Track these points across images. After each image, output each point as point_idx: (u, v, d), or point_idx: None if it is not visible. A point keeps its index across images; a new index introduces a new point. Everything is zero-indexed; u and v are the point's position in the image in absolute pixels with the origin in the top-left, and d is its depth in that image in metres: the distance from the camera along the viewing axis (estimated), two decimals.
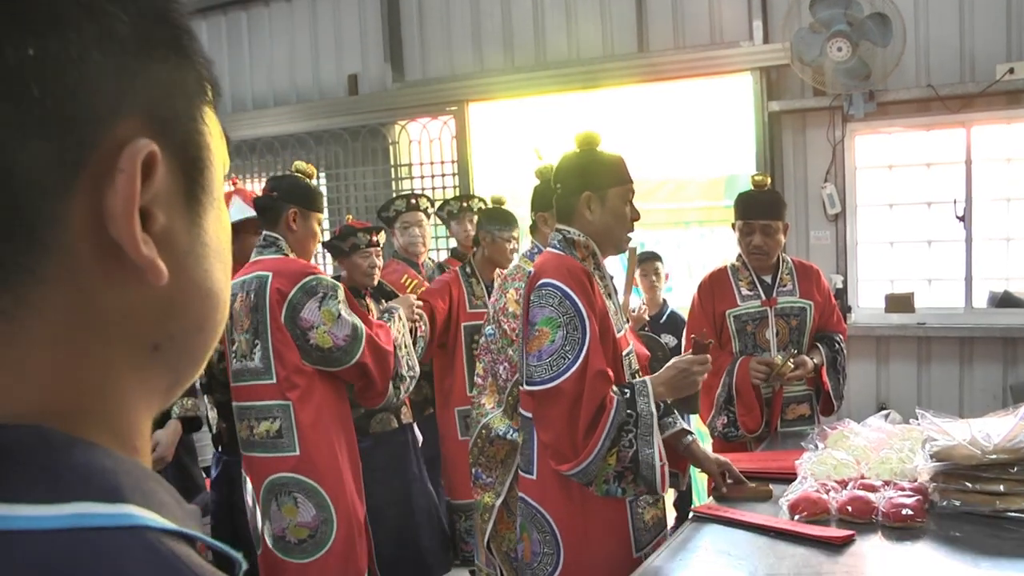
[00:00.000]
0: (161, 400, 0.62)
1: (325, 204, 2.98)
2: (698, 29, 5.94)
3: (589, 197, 2.81)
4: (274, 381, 3.49)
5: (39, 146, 0.51)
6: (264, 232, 3.68)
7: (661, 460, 2.69)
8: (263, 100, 7.52)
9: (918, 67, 5.28)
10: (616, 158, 2.89)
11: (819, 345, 4.00)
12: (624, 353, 2.88)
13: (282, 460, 3.50)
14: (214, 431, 4.11)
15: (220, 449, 4.11)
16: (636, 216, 2.90)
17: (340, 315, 3.46)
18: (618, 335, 2.84)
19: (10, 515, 0.49)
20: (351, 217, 4.69)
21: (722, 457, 3.10)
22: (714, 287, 4.07)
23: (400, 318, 3.97)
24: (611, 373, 2.74)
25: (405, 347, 3.89)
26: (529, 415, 2.82)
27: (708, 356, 2.87)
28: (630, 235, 2.96)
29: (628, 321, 3.05)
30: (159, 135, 0.55)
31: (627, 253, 3.97)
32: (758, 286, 4.01)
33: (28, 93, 0.50)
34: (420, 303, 4.32)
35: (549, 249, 2.89)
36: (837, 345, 4.04)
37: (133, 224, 0.53)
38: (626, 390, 2.71)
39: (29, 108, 0.50)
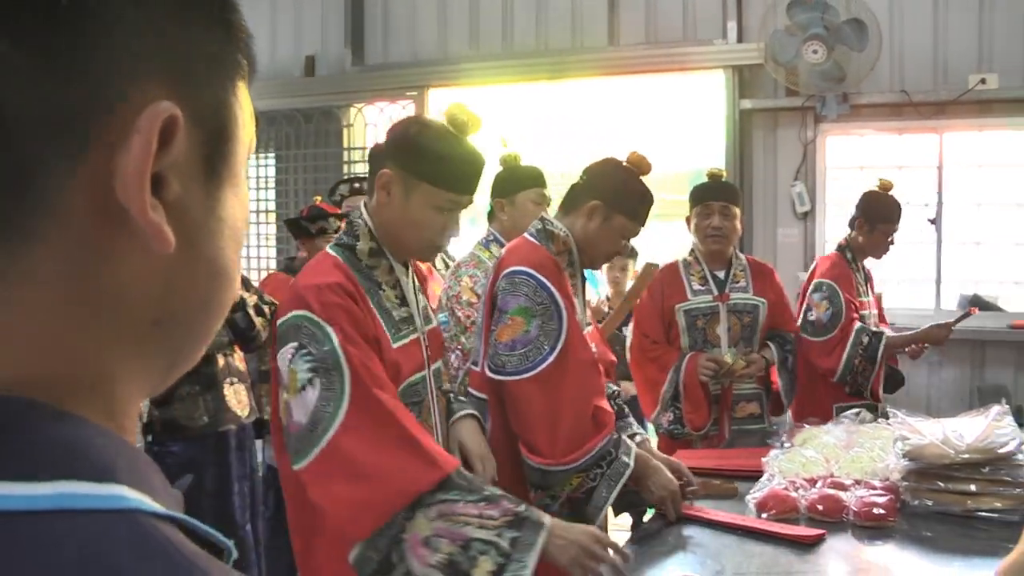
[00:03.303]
0: (157, 380, 0.59)
1: (449, 175, 2.16)
2: (671, 25, 5.93)
3: (597, 207, 2.72)
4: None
5: (56, 98, 0.48)
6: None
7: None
8: None
9: (892, 73, 5.37)
10: (648, 198, 2.83)
11: (770, 344, 3.95)
12: None
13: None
14: (145, 419, 3.74)
15: (151, 438, 3.73)
16: (623, 252, 2.89)
17: (304, 389, 1.98)
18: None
19: None
20: (320, 198, 4.55)
21: (673, 459, 2.92)
22: (664, 281, 3.99)
23: None
24: (601, 367, 2.64)
25: None
26: (482, 396, 2.69)
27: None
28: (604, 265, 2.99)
29: (590, 323, 2.95)
30: (185, 101, 0.52)
31: (644, 267, 3.92)
32: (710, 281, 3.94)
33: (53, 42, 0.48)
34: None
35: (526, 236, 2.78)
36: (789, 345, 4.00)
37: (143, 186, 0.50)
38: (616, 433, 2.63)
39: (51, 57, 0.48)
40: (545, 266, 2.61)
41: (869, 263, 4.42)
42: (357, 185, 4.80)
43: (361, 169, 6.69)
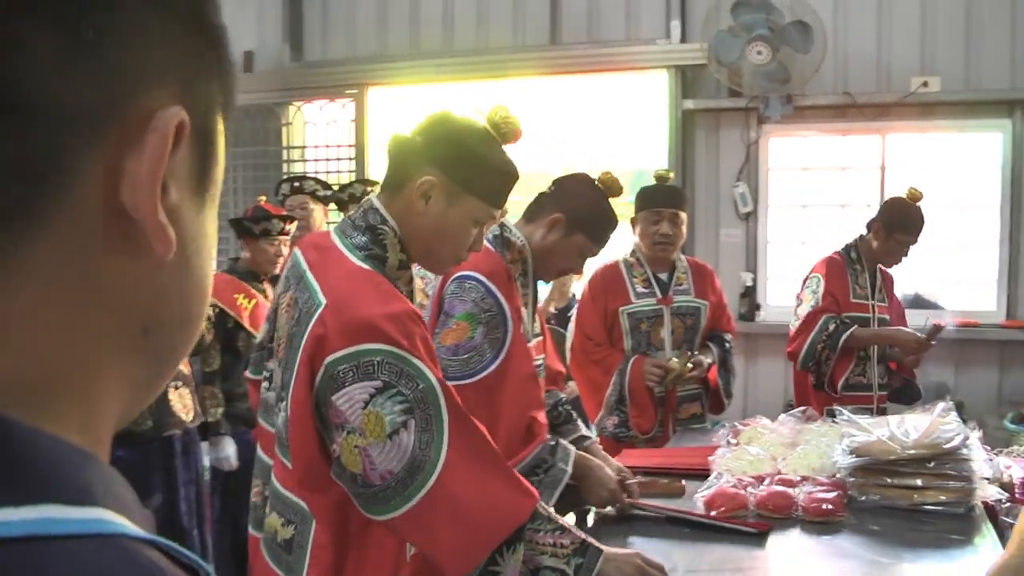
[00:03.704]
0: (135, 396, 0.57)
1: (498, 190, 2.04)
2: (613, 25, 5.95)
3: (559, 221, 2.70)
4: (290, 465, 1.94)
5: (83, 89, 0.48)
6: (371, 202, 2.01)
7: None
8: None
9: (836, 75, 5.46)
10: (612, 221, 2.83)
11: (710, 344, 3.97)
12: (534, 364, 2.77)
13: None
14: None
15: None
16: (579, 272, 2.91)
17: (396, 433, 1.76)
18: (528, 344, 2.72)
19: None
20: (265, 198, 4.47)
21: (622, 466, 2.89)
22: (607, 282, 3.94)
23: None
24: (542, 382, 2.64)
25: None
26: None
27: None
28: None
29: (540, 334, 2.91)
30: (190, 112, 0.53)
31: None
32: (654, 284, 3.91)
33: (83, 33, 0.48)
34: None
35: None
36: (727, 344, 4.04)
37: (155, 188, 0.51)
38: (553, 440, 2.62)
39: (82, 47, 0.48)
40: (496, 274, 2.56)
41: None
42: (298, 184, 4.77)
43: (300, 168, 6.64)
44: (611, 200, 2.84)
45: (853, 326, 4.10)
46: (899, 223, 4.12)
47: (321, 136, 6.68)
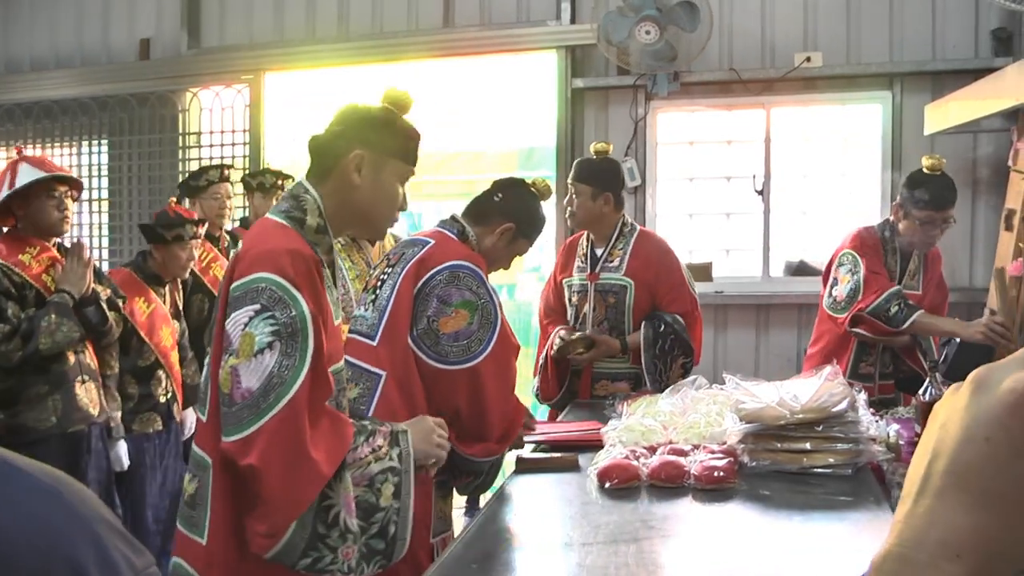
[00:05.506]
0: None
1: (412, 149, 2.26)
2: (505, 7, 6.00)
3: (509, 230, 2.94)
4: (204, 418, 2.04)
5: None
6: (299, 183, 2.20)
7: None
8: (43, 61, 6.97)
9: (721, 52, 5.57)
10: (544, 220, 3.11)
11: (644, 324, 3.84)
12: None
13: (191, 544, 1.99)
14: None
15: None
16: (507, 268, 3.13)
17: (261, 352, 1.86)
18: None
19: None
20: (175, 201, 4.31)
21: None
22: (566, 253, 4.11)
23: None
24: None
25: None
26: (375, 370, 2.67)
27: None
28: None
29: None
30: None
31: None
32: (588, 259, 3.97)
33: None
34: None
35: (446, 233, 2.87)
36: (664, 327, 3.79)
37: None
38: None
39: None
40: (483, 266, 2.77)
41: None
42: (226, 173, 4.79)
43: (196, 154, 6.60)
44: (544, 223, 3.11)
45: (919, 310, 3.69)
46: (912, 199, 3.77)
47: (216, 123, 6.61)
